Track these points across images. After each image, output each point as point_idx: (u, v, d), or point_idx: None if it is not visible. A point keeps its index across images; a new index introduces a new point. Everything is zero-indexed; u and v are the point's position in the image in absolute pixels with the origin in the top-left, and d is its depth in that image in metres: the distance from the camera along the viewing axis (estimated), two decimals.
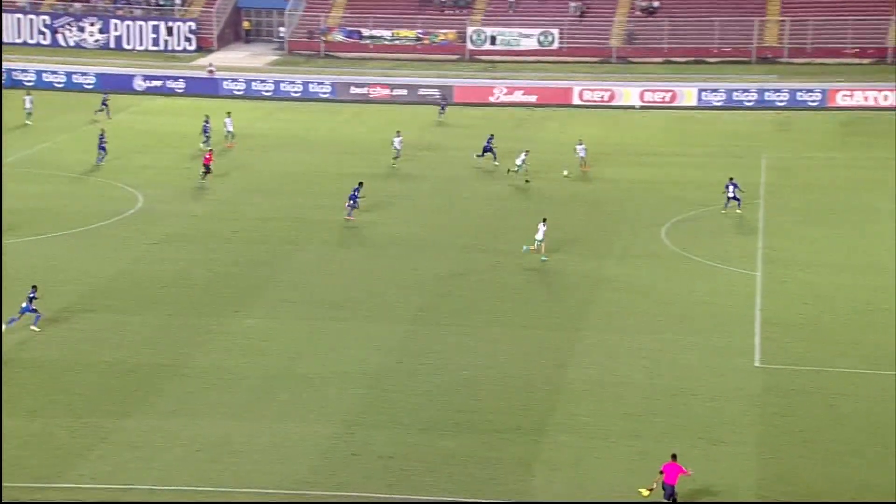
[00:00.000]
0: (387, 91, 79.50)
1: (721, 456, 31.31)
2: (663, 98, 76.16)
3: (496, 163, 59.58)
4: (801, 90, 75.20)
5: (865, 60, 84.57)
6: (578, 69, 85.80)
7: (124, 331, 39.63)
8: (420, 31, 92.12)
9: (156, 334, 39.52)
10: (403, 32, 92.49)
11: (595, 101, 76.48)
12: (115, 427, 32.84)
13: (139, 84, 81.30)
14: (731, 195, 51.06)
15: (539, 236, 45.77)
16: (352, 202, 51.64)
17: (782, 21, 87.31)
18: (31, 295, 39.19)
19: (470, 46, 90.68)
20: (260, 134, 67.88)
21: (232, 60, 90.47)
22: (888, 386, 35.19)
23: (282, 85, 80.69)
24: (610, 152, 64.19)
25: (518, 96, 77.63)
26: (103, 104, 71.69)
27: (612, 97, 76.55)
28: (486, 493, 29.77)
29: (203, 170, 57.55)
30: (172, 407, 34.33)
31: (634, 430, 32.91)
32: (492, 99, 77.68)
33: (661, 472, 28.68)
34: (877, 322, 40.06)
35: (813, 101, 74.31)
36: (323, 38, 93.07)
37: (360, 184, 52.36)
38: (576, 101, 76.74)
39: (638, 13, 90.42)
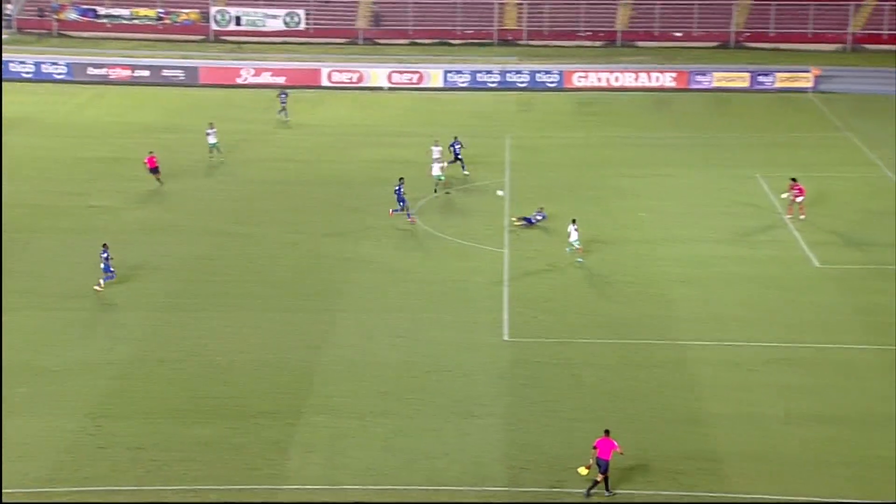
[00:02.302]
0: (128, 72, 76.76)
1: (471, 429, 32.15)
2: (410, 79, 77.08)
3: (466, 172, 55.25)
4: (540, 72, 77.86)
5: (597, 43, 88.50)
6: (326, 50, 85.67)
7: None
8: (161, 10, 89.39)
9: None
10: (143, 11, 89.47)
11: (344, 83, 76.58)
12: None
13: None
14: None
15: (573, 238, 44.15)
16: (402, 203, 48.20)
17: (520, 4, 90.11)
18: (105, 255, 40.57)
19: (214, 27, 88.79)
20: None
21: None
22: (625, 354, 37.11)
23: (11, 65, 76.36)
24: (360, 133, 64.57)
25: (266, 78, 76.66)
26: None
27: (360, 78, 76.84)
28: (241, 479, 29.46)
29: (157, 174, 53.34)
30: None
31: (389, 408, 33.31)
32: (239, 80, 76.40)
33: (595, 448, 28.96)
34: (616, 294, 42.11)
35: (551, 83, 77.09)
36: (55, 17, 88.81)
37: (401, 180, 48.65)
38: (325, 82, 76.56)
39: None
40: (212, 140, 57.75)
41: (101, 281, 40.92)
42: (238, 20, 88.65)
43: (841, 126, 66.15)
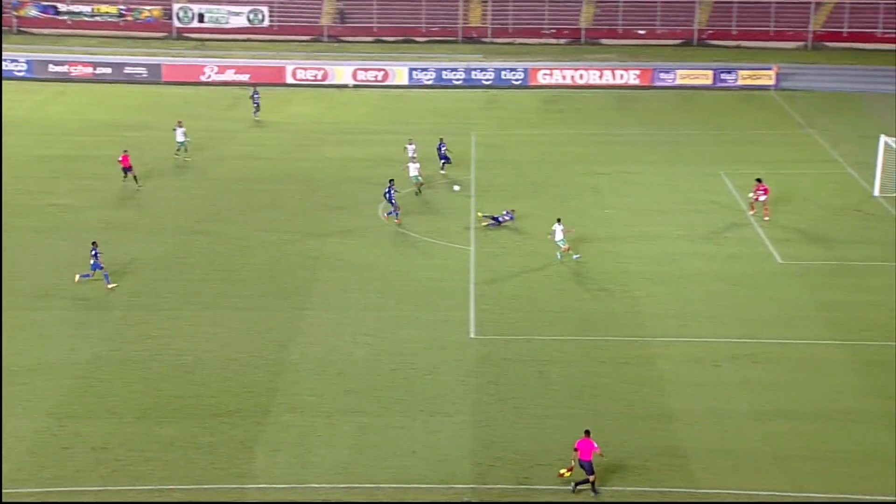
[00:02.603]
0: (90, 69, 76.09)
1: (439, 426, 32.18)
2: (376, 77, 76.98)
3: (443, 171, 55.12)
4: (504, 69, 77.98)
5: (562, 41, 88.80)
6: (290, 48, 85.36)
7: None
8: (122, 7, 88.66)
9: None
10: (104, 8, 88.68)
11: (308, 80, 76.33)
12: None
13: None
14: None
15: (559, 237, 43.98)
16: (393, 205, 47.96)
17: (485, 2, 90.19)
18: (94, 252, 40.55)
19: (177, 24, 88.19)
20: None
21: None
22: (591, 350, 37.26)
23: None
24: (326, 131, 64.42)
25: (230, 75, 76.26)
26: None
27: (325, 76, 76.63)
28: (208, 479, 29.32)
29: (131, 174, 52.64)
30: None
31: (356, 406, 33.27)
32: (203, 78, 75.94)
33: (576, 450, 28.94)
34: (582, 290, 42.26)
35: (516, 80, 77.22)
36: (15, 13, 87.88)
37: (391, 181, 48.35)
38: (289, 79, 76.29)
39: None
40: (179, 138, 57.37)
41: (108, 283, 40.84)
42: (201, 17, 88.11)
43: (803, 123, 66.76)
